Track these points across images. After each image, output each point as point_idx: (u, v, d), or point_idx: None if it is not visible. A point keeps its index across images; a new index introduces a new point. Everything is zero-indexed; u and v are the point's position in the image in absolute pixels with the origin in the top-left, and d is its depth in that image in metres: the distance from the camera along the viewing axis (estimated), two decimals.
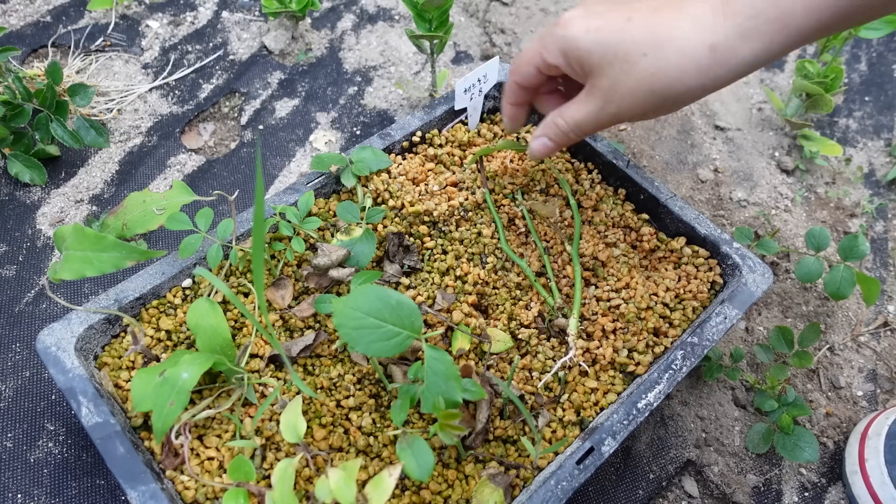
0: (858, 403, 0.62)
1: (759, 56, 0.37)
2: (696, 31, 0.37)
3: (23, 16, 0.85)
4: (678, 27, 0.37)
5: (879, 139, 0.85)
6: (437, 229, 0.58)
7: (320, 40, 0.87)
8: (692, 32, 0.37)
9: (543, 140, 0.49)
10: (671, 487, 0.56)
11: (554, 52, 0.43)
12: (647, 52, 0.38)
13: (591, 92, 0.43)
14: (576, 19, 0.42)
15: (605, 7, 0.41)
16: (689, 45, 0.37)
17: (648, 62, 0.38)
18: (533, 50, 0.45)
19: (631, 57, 0.39)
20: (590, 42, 0.40)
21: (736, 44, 0.37)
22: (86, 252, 0.45)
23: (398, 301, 0.40)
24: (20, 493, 0.51)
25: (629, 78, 0.40)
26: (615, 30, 0.40)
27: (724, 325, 0.52)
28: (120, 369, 0.50)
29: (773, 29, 0.36)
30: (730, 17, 0.36)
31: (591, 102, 0.43)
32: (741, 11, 0.36)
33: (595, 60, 0.41)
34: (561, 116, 0.46)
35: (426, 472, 0.39)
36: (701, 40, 0.37)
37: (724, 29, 0.36)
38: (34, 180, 0.68)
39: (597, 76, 0.41)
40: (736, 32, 0.36)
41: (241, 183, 0.72)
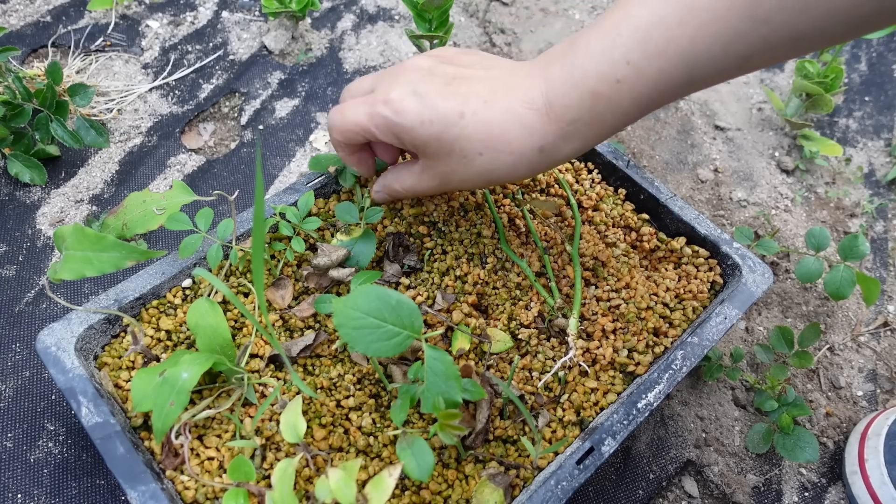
0: (858, 403, 0.62)
1: (577, 150, 0.42)
2: (525, 136, 0.41)
3: (23, 16, 0.85)
4: (509, 129, 0.41)
5: (879, 139, 0.85)
6: (436, 229, 0.58)
7: (320, 40, 0.87)
8: (522, 137, 0.41)
9: (383, 195, 0.53)
10: (671, 487, 0.56)
11: (387, 134, 0.44)
12: (483, 153, 0.42)
13: (427, 171, 0.46)
14: (407, 103, 0.42)
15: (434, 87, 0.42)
16: (521, 149, 0.41)
17: (484, 160, 0.42)
18: (360, 121, 0.44)
19: (468, 155, 0.42)
20: (426, 135, 0.42)
21: (560, 144, 0.41)
22: (86, 252, 0.45)
23: (398, 301, 0.40)
24: (20, 493, 0.51)
25: (467, 170, 0.43)
26: (449, 124, 0.41)
27: (724, 325, 0.52)
28: (120, 369, 0.50)
29: (589, 129, 0.40)
30: (554, 122, 0.40)
31: (427, 178, 0.47)
32: (563, 116, 0.40)
33: (431, 151, 0.43)
34: (398, 183, 0.50)
35: (426, 472, 0.39)
36: (530, 144, 0.41)
37: (550, 132, 0.40)
38: (34, 180, 0.68)
39: (434, 161, 0.44)
40: (559, 135, 0.41)
41: (241, 183, 0.72)
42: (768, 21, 0.34)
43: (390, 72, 0.46)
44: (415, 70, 0.44)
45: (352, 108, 0.45)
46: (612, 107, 0.39)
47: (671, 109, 0.85)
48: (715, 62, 0.36)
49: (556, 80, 0.40)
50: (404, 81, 0.43)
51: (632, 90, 0.38)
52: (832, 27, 0.34)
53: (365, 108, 0.44)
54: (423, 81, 0.43)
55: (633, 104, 0.39)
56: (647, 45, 0.37)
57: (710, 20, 0.35)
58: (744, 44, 0.35)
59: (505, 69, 0.44)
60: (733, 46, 0.36)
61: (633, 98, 0.39)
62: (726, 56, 0.36)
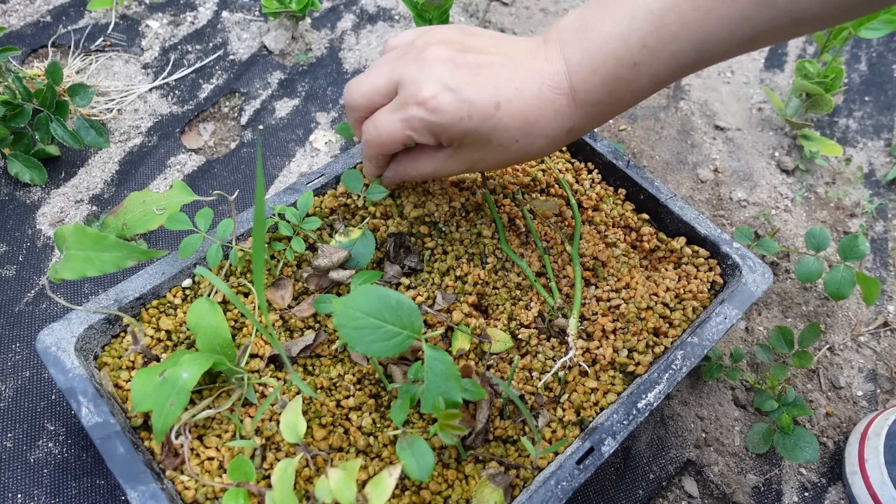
0: (858, 403, 0.62)
1: (597, 126, 0.46)
2: (557, 120, 0.43)
3: (23, 16, 0.85)
4: (543, 114, 0.43)
5: (879, 139, 0.85)
6: (437, 230, 0.58)
7: (320, 40, 0.87)
8: (554, 121, 0.43)
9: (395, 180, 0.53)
10: (671, 487, 0.56)
11: (425, 136, 0.44)
12: (519, 139, 0.44)
13: (455, 157, 0.47)
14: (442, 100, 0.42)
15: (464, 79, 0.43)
16: (553, 131, 0.44)
17: (520, 146, 0.44)
18: (399, 131, 0.45)
19: (504, 142, 0.44)
20: (463, 130, 0.43)
21: (584, 123, 0.44)
22: (87, 252, 0.45)
23: (398, 301, 0.40)
24: (20, 493, 0.51)
25: (500, 156, 0.45)
26: (487, 117, 0.42)
27: (724, 325, 0.52)
28: (120, 369, 0.50)
29: (610, 108, 0.44)
30: (579, 106, 0.43)
31: (455, 164, 0.47)
32: (587, 100, 0.43)
33: (467, 143, 0.45)
34: (416, 169, 0.50)
35: (426, 472, 0.39)
36: (561, 127, 0.44)
37: (576, 115, 0.43)
38: (34, 180, 0.68)
39: (466, 150, 0.46)
40: (584, 116, 0.44)
41: (241, 183, 0.72)
42: (774, 5, 0.37)
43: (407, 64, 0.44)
44: (437, 62, 0.43)
45: (384, 121, 0.45)
46: (631, 87, 0.42)
47: (671, 109, 0.85)
48: (722, 44, 0.39)
49: (577, 65, 0.42)
50: (432, 77, 0.43)
51: (648, 71, 0.41)
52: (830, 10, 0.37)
53: (399, 116, 0.44)
54: (451, 74, 0.43)
55: (649, 83, 0.42)
56: (662, 29, 0.39)
57: (720, 5, 0.38)
58: (749, 27, 0.38)
59: (521, 50, 0.44)
60: (740, 29, 0.38)
61: (650, 78, 0.41)
62: (732, 38, 0.39)
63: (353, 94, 0.47)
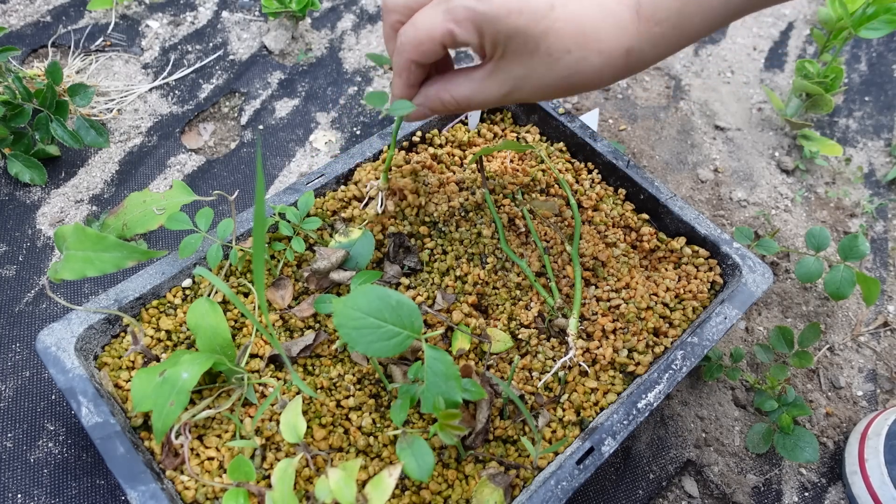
0: (858, 403, 0.62)
1: (660, 58, 0.39)
2: (616, 33, 0.38)
3: (23, 16, 0.85)
4: (601, 26, 0.37)
5: (879, 139, 0.85)
6: (437, 230, 0.58)
7: (320, 40, 0.87)
8: (613, 34, 0.38)
9: (423, 110, 0.45)
10: (671, 487, 0.56)
11: (469, 30, 0.38)
12: (572, 50, 0.38)
13: (497, 75, 0.40)
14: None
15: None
16: (610, 48, 0.38)
17: (571, 59, 0.38)
18: (439, 24, 0.39)
19: (554, 52, 0.38)
20: (511, 27, 0.37)
21: (645, 48, 0.38)
22: (87, 252, 0.45)
23: (398, 301, 0.40)
24: (20, 493, 0.51)
25: (549, 71, 0.39)
26: (539, 17, 0.37)
27: (724, 325, 0.52)
28: (120, 369, 0.50)
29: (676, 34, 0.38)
30: (643, 21, 0.38)
31: (497, 87, 0.41)
32: (652, 17, 0.37)
33: (514, 47, 0.38)
34: (449, 93, 0.43)
35: (426, 472, 0.39)
36: (620, 44, 0.38)
37: (638, 33, 0.38)
38: (34, 180, 0.68)
39: (511, 61, 0.39)
40: (646, 37, 0.38)
41: (241, 183, 0.72)
42: None
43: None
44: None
45: (424, 16, 0.40)
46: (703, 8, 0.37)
47: (671, 109, 0.85)
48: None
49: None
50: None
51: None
52: None
53: (441, 9, 0.39)
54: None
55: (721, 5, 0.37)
56: None
57: None
58: None
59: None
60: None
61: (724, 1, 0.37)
62: None
63: None
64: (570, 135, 0.64)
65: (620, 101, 0.85)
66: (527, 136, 0.67)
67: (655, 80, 0.89)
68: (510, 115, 0.69)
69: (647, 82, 0.88)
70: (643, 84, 0.88)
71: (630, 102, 0.85)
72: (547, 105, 0.65)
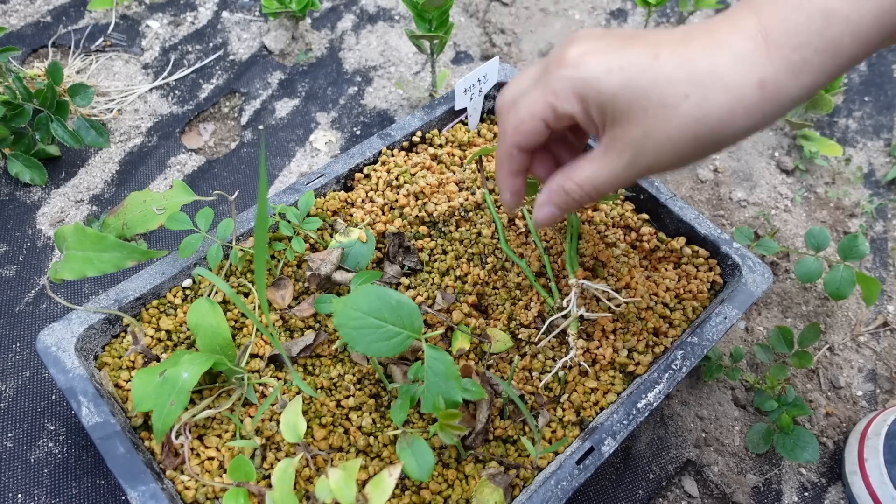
0: (858, 403, 0.62)
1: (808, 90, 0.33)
2: (740, 66, 0.33)
3: (23, 16, 0.85)
4: (720, 62, 0.33)
5: (879, 139, 0.85)
6: (437, 229, 0.58)
7: (320, 40, 0.87)
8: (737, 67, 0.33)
9: (550, 210, 0.41)
10: (671, 487, 0.57)
11: (569, 99, 0.35)
12: (690, 93, 0.33)
13: (614, 146, 0.36)
14: (589, 56, 0.34)
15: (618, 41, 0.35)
16: (737, 82, 0.33)
17: (691, 104, 0.33)
18: (538, 100, 0.36)
19: (669, 100, 0.33)
20: (615, 84, 0.34)
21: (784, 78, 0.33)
22: (87, 252, 0.45)
23: (398, 301, 0.40)
24: (20, 493, 0.51)
25: (669, 125, 0.34)
26: (643, 68, 0.33)
27: (724, 325, 0.52)
28: (120, 369, 0.50)
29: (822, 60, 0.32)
30: (774, 50, 0.32)
31: (617, 158, 0.36)
32: (786, 43, 0.32)
33: (622, 107, 0.34)
34: (572, 180, 0.38)
35: (426, 471, 0.39)
36: (748, 75, 0.32)
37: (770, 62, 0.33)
38: (34, 180, 0.68)
39: (624, 125, 0.35)
40: (784, 66, 0.32)
41: (241, 183, 0.72)
42: None
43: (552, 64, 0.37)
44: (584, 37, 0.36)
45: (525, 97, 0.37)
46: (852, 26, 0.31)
47: None
48: None
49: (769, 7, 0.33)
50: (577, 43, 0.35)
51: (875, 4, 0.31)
52: None
53: (538, 87, 0.36)
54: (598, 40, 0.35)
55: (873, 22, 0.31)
56: None
57: None
58: None
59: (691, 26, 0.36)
60: None
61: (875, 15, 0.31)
62: None
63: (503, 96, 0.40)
64: None
65: None
66: None
67: None
68: None
69: None
70: None
71: None
72: None
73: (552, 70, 0.36)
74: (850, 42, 0.32)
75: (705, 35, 0.34)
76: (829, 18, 0.31)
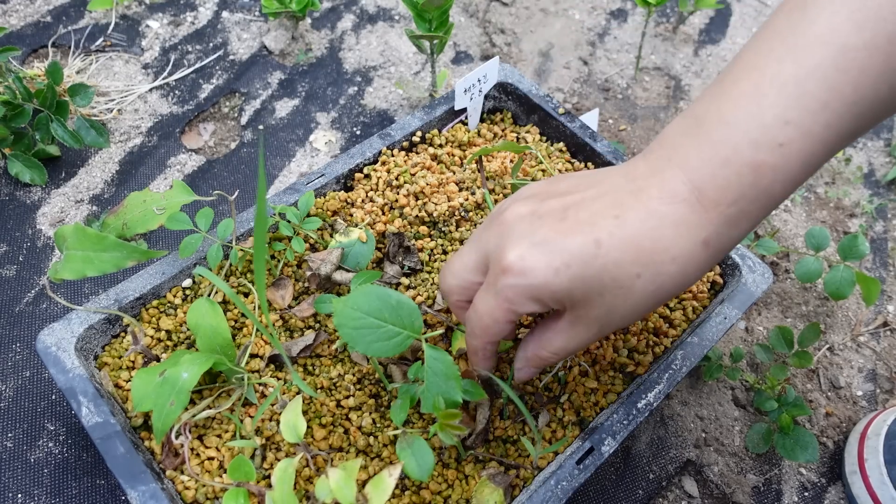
0: (858, 403, 0.62)
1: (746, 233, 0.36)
2: (684, 234, 0.34)
3: (23, 16, 0.85)
4: (662, 236, 0.34)
5: (879, 139, 0.85)
6: (437, 229, 0.58)
7: (320, 40, 0.87)
8: (681, 238, 0.34)
9: (529, 371, 0.44)
10: (671, 487, 0.57)
11: (525, 303, 0.37)
12: (640, 272, 0.34)
13: (580, 321, 0.38)
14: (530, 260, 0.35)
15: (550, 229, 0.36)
16: (683, 250, 0.34)
17: (645, 281, 0.35)
18: (496, 308, 0.37)
19: (624, 283, 0.35)
20: (566, 282, 0.35)
21: (725, 231, 0.35)
22: (87, 252, 0.45)
23: (398, 301, 0.40)
24: (20, 493, 0.51)
25: (627, 301, 0.36)
26: (589, 259, 0.34)
27: (724, 325, 0.52)
28: (120, 369, 0.50)
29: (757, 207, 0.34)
30: (711, 208, 0.34)
31: (586, 331, 0.38)
32: (721, 199, 0.34)
33: (578, 296, 0.36)
34: (546, 350, 0.41)
35: (426, 472, 0.39)
36: (692, 240, 0.34)
37: (710, 222, 0.34)
38: (34, 180, 0.68)
39: (585, 307, 0.36)
40: (723, 221, 0.34)
41: (242, 183, 0.72)
42: None
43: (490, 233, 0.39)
44: (517, 221, 0.37)
45: (482, 303, 0.39)
46: (781, 175, 0.33)
47: (671, 109, 0.85)
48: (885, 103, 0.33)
49: (697, 163, 0.34)
50: (514, 239, 0.36)
51: (800, 151, 0.33)
52: None
53: (491, 293, 0.38)
54: (533, 228, 0.36)
55: (801, 167, 0.33)
56: (805, 99, 0.32)
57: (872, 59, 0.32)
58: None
59: (616, 176, 0.37)
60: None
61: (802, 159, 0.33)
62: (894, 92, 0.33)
63: (446, 277, 0.41)
64: (570, 135, 0.64)
65: (620, 101, 0.85)
66: (527, 136, 0.67)
67: (655, 80, 0.89)
68: (510, 116, 0.69)
69: (647, 82, 0.88)
70: (643, 84, 0.88)
71: (630, 102, 0.85)
72: (547, 105, 0.65)
73: (499, 279, 0.37)
74: (782, 188, 0.34)
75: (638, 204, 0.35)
76: (757, 171, 0.33)
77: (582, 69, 0.89)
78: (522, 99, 0.67)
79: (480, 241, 0.39)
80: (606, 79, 0.88)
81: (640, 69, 0.89)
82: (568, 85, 0.86)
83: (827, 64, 0.32)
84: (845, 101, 0.32)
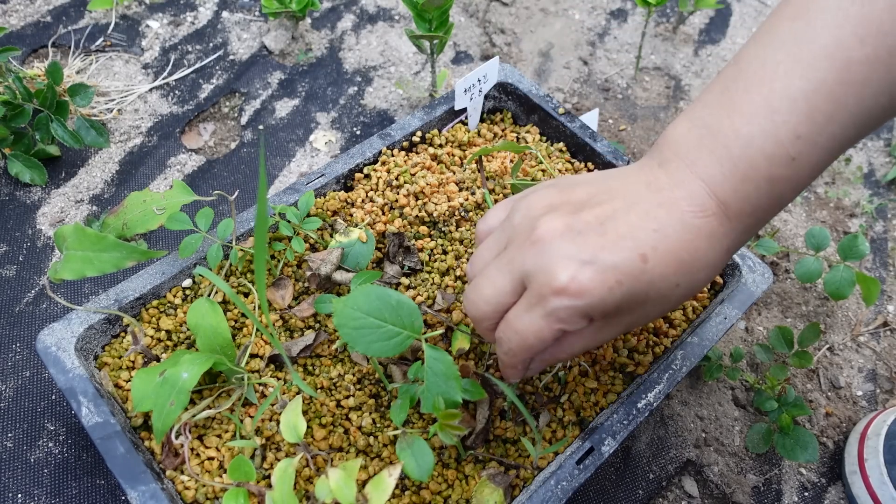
0: (858, 403, 0.62)
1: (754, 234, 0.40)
2: (714, 246, 0.37)
3: (23, 16, 0.85)
4: (698, 247, 0.37)
5: (879, 139, 0.85)
6: (437, 229, 0.58)
7: (320, 40, 0.87)
8: (711, 248, 0.37)
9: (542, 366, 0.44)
10: (671, 487, 0.57)
11: (578, 322, 0.37)
12: (680, 282, 0.37)
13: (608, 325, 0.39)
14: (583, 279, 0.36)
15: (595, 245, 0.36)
16: (713, 259, 0.38)
17: (682, 290, 0.38)
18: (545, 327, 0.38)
19: (665, 293, 0.38)
20: (618, 298, 0.36)
21: (743, 238, 0.39)
22: (87, 252, 0.45)
23: (398, 301, 0.40)
24: (20, 493, 0.51)
25: (661, 308, 0.39)
26: (638, 274, 0.36)
27: (724, 325, 0.52)
28: (120, 369, 0.50)
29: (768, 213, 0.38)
30: (735, 220, 0.37)
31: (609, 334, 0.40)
32: (742, 211, 0.37)
33: (624, 309, 0.38)
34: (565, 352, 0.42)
35: (426, 472, 0.39)
36: (720, 251, 0.38)
37: (733, 231, 0.38)
38: (34, 180, 0.68)
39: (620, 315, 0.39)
40: (742, 228, 0.38)
41: (242, 183, 0.72)
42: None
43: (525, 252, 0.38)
44: (556, 237, 0.37)
45: (525, 323, 0.38)
46: (793, 184, 0.37)
47: (671, 109, 0.85)
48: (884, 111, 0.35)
49: (719, 177, 0.37)
50: (559, 258, 0.36)
51: (809, 162, 0.36)
52: None
53: (540, 313, 0.37)
54: (577, 245, 0.36)
55: (810, 175, 0.37)
56: (814, 114, 0.35)
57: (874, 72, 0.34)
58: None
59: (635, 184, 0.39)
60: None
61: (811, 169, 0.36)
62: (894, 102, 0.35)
63: (478, 305, 0.40)
64: (570, 135, 0.64)
65: (620, 101, 0.85)
66: (527, 136, 0.67)
67: (655, 80, 0.89)
68: (510, 116, 0.69)
69: (647, 82, 0.88)
70: (643, 84, 0.88)
71: (630, 102, 0.85)
72: (547, 105, 0.65)
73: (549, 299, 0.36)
74: (792, 195, 0.38)
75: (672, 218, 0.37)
76: (773, 183, 0.36)
77: (582, 69, 0.89)
78: (522, 99, 0.67)
79: (515, 263, 0.39)
80: (606, 79, 0.88)
81: (640, 69, 0.89)
82: (568, 85, 0.86)
83: (832, 78, 0.34)
84: (849, 113, 0.35)
